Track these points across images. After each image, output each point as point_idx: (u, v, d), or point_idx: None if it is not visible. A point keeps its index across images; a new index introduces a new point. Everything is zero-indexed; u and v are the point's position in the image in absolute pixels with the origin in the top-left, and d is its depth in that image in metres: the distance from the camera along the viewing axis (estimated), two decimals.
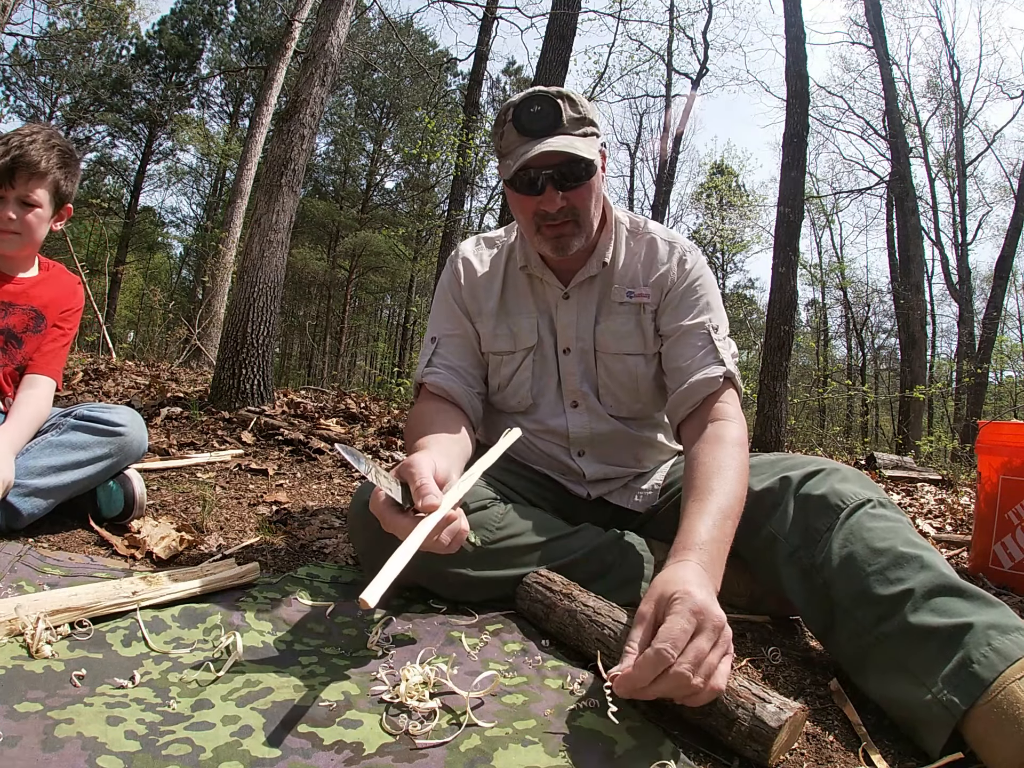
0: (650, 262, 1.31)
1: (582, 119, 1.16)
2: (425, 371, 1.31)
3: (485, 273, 1.37)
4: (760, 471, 1.17)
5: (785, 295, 5.35)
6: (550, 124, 1.13)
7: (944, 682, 0.82)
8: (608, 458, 1.35)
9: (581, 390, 1.31)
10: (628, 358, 1.30)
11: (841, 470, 1.12)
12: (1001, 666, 0.79)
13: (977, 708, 0.79)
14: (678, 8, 14.40)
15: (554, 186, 1.14)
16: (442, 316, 1.38)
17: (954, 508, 2.81)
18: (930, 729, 0.81)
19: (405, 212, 21.19)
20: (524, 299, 1.35)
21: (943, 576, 0.90)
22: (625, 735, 0.77)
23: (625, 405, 1.33)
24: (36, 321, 1.49)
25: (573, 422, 1.33)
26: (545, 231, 1.19)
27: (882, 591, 0.92)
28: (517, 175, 1.15)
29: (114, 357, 6.21)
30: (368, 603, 0.74)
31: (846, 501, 1.04)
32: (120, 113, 18.35)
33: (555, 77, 5.08)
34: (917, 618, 0.87)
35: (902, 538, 0.97)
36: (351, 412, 3.75)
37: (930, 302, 15.60)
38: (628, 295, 1.29)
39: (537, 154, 1.10)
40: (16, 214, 1.38)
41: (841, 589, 0.97)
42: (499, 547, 1.12)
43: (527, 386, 1.34)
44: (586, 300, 1.31)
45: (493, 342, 1.34)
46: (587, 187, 1.17)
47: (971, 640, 0.83)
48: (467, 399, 1.29)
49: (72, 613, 0.93)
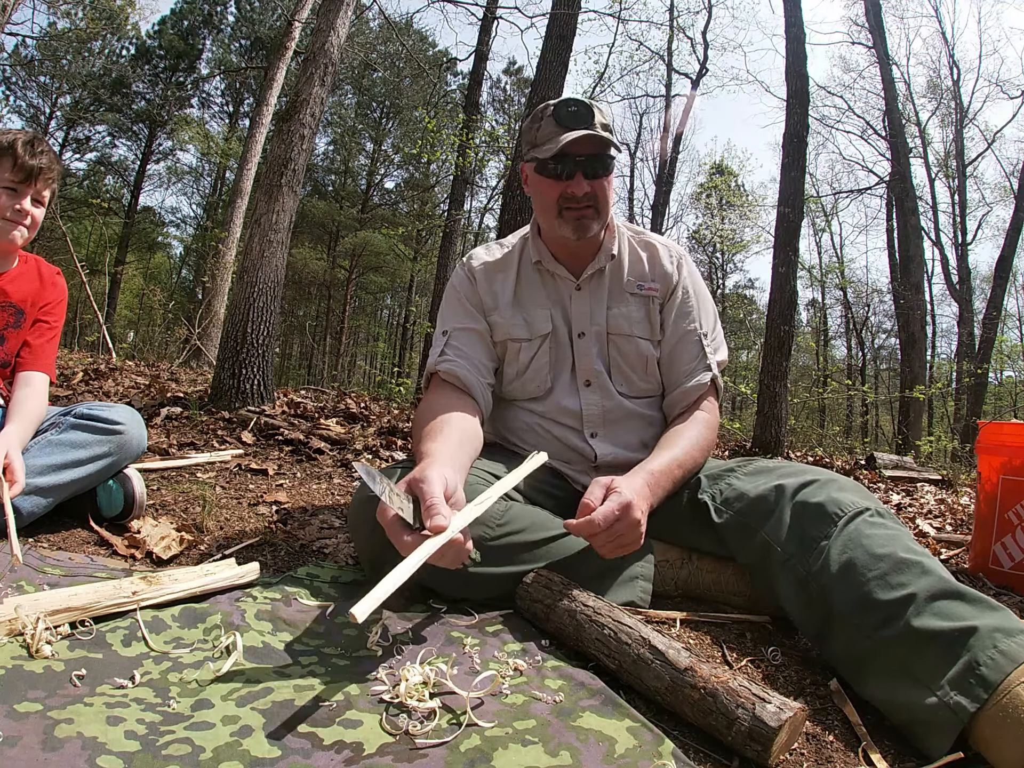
0: (653, 262, 1.45)
1: (608, 126, 1.32)
2: (439, 360, 1.36)
3: (499, 270, 1.46)
4: (756, 477, 1.20)
5: (785, 295, 5.34)
6: (585, 121, 1.27)
7: (950, 685, 0.82)
8: (618, 439, 1.40)
9: (595, 368, 1.39)
10: (640, 341, 1.40)
11: (838, 480, 1.13)
12: (1008, 668, 0.80)
13: (984, 711, 0.79)
14: (678, 8, 14.39)
15: (583, 173, 1.28)
16: (453, 312, 1.43)
17: (954, 508, 2.81)
18: (935, 732, 0.81)
19: (405, 212, 21.18)
20: (537, 292, 1.43)
21: (945, 581, 0.91)
22: (625, 735, 0.77)
23: (634, 384, 1.42)
24: (16, 317, 1.49)
25: (587, 400, 1.39)
26: (567, 214, 1.31)
27: (884, 596, 0.92)
28: (550, 161, 1.28)
29: (114, 357, 6.22)
30: (357, 618, 0.75)
31: (844, 510, 1.05)
32: (120, 113, 18.34)
33: (555, 77, 5.07)
34: (920, 622, 0.88)
35: (902, 545, 0.98)
36: (351, 412, 3.75)
37: (930, 302, 15.61)
38: (639, 287, 1.42)
39: (580, 135, 1.25)
40: (29, 209, 1.44)
41: (840, 595, 0.97)
42: (499, 544, 1.13)
43: (546, 370, 1.40)
44: (597, 289, 1.42)
45: (510, 330, 1.41)
46: (609, 180, 1.32)
47: (976, 643, 0.83)
48: (479, 388, 1.34)
49: (72, 613, 0.93)
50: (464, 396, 1.32)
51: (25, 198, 1.42)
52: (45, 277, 1.57)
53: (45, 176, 1.44)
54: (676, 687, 0.83)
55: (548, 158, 1.27)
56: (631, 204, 20.35)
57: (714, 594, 1.25)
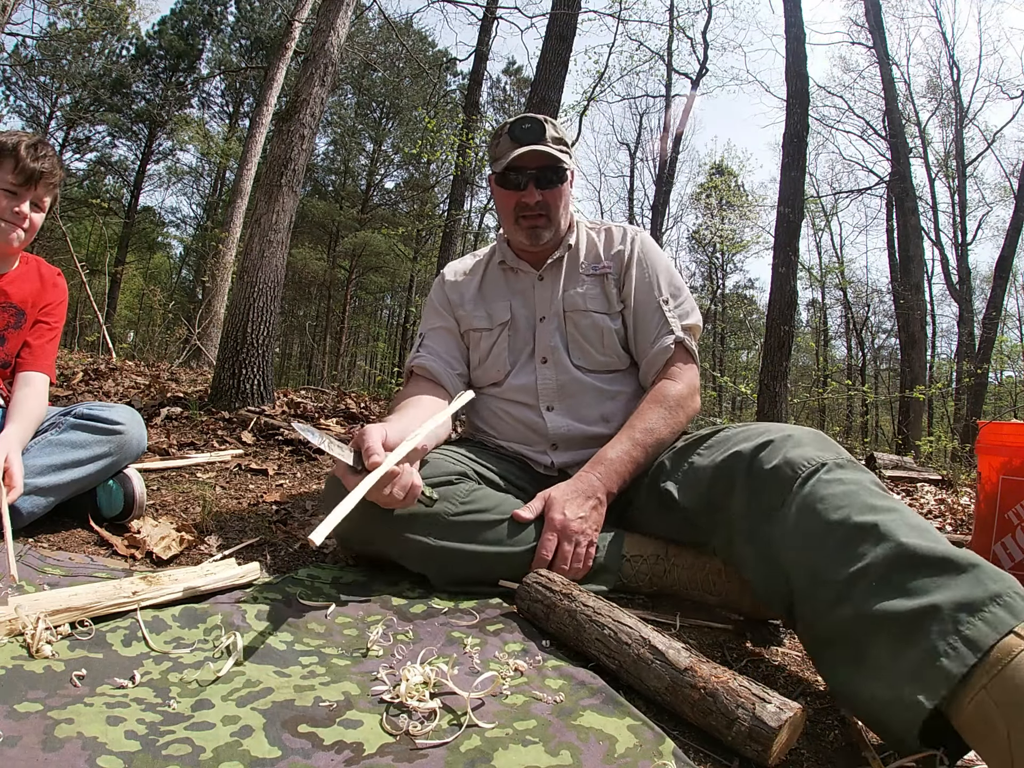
0: (609, 243, 1.55)
1: (561, 139, 1.44)
2: (413, 358, 1.53)
3: (466, 273, 1.63)
4: (714, 449, 1.15)
5: (785, 295, 5.35)
6: (536, 137, 1.40)
7: (907, 678, 0.74)
8: (574, 413, 1.44)
9: (551, 345, 1.48)
10: (595, 315, 1.47)
11: (794, 435, 1.05)
12: (970, 659, 0.71)
13: (955, 702, 0.71)
14: (678, 8, 14.42)
15: (535, 184, 1.42)
16: (427, 317, 1.61)
17: (954, 508, 2.81)
18: (893, 730, 0.75)
19: (405, 212, 21.18)
20: (499, 287, 1.58)
21: (902, 547, 0.81)
22: (626, 733, 0.77)
23: (592, 357, 1.47)
24: (16, 318, 1.49)
25: (542, 376, 1.47)
26: (522, 222, 1.45)
27: (836, 572, 0.84)
28: (506, 172, 1.43)
29: (114, 357, 6.22)
30: (314, 541, 0.90)
31: (798, 470, 0.97)
32: (120, 113, 18.35)
33: (555, 77, 5.07)
34: (874, 603, 0.79)
35: (858, 504, 0.88)
36: (351, 412, 3.75)
37: (930, 302, 15.61)
38: (593, 268, 1.52)
39: (526, 151, 1.38)
40: (28, 213, 1.44)
41: (797, 571, 0.90)
42: (462, 520, 1.19)
43: (504, 356, 1.51)
44: (556, 276, 1.53)
45: (472, 321, 1.54)
46: (559, 190, 1.45)
47: (936, 627, 0.74)
48: (447, 377, 1.49)
49: (72, 613, 0.93)
50: (434, 385, 1.47)
51: (24, 202, 1.42)
52: (46, 278, 1.57)
53: (46, 181, 1.44)
54: (676, 687, 0.83)
55: (502, 171, 1.42)
56: (631, 204, 20.37)
57: (689, 592, 1.20)
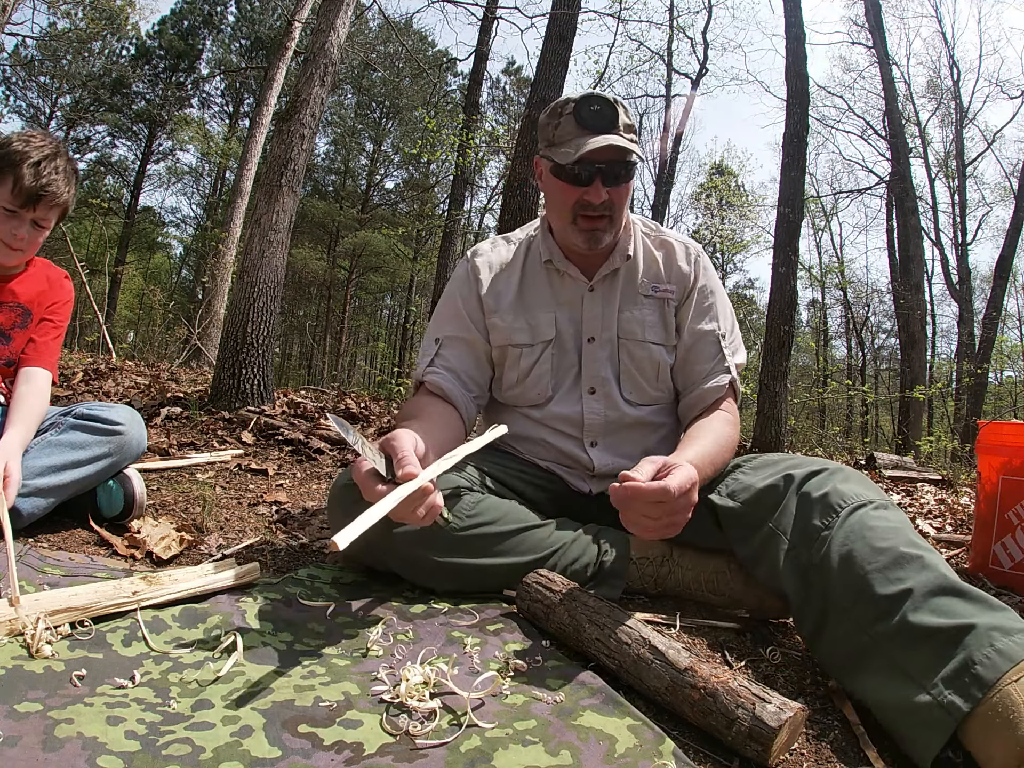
0: (670, 262, 1.39)
1: (632, 127, 1.25)
2: (426, 370, 1.34)
3: (504, 267, 1.40)
4: (763, 470, 1.18)
5: (785, 295, 5.34)
6: (608, 124, 1.20)
7: (945, 683, 0.80)
8: (619, 449, 1.36)
9: (601, 375, 1.35)
10: (652, 347, 1.35)
11: (844, 470, 1.12)
12: (1004, 667, 0.78)
13: (977, 710, 0.77)
14: (678, 8, 14.36)
15: (602, 180, 1.22)
16: (448, 317, 1.40)
17: (954, 508, 2.81)
18: (927, 732, 0.79)
19: (405, 212, 21.18)
20: (542, 293, 1.38)
21: (945, 577, 0.89)
22: (626, 733, 0.77)
23: (644, 392, 1.37)
24: (23, 317, 1.49)
25: (589, 408, 1.35)
26: (581, 222, 1.26)
27: (882, 590, 0.90)
28: (569, 165, 1.21)
29: (114, 357, 6.21)
30: (339, 545, 0.79)
31: (847, 501, 1.03)
32: (120, 113, 18.34)
33: (555, 77, 5.06)
34: (917, 618, 0.86)
35: (904, 538, 0.96)
36: (351, 412, 3.75)
37: (930, 302, 15.59)
38: (653, 289, 1.36)
39: (603, 146, 1.18)
40: (27, 234, 1.38)
41: (839, 587, 0.96)
42: (469, 535, 1.14)
43: (547, 379, 1.36)
44: (610, 292, 1.36)
45: (511, 335, 1.36)
46: (627, 187, 1.27)
47: (973, 641, 0.81)
48: (463, 402, 1.32)
49: (72, 613, 0.93)
50: (448, 406, 1.30)
51: (24, 223, 1.36)
52: (53, 279, 1.57)
53: (48, 202, 1.36)
54: (676, 687, 0.83)
55: (566, 164, 1.21)
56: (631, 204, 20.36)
57: (693, 593, 1.22)
